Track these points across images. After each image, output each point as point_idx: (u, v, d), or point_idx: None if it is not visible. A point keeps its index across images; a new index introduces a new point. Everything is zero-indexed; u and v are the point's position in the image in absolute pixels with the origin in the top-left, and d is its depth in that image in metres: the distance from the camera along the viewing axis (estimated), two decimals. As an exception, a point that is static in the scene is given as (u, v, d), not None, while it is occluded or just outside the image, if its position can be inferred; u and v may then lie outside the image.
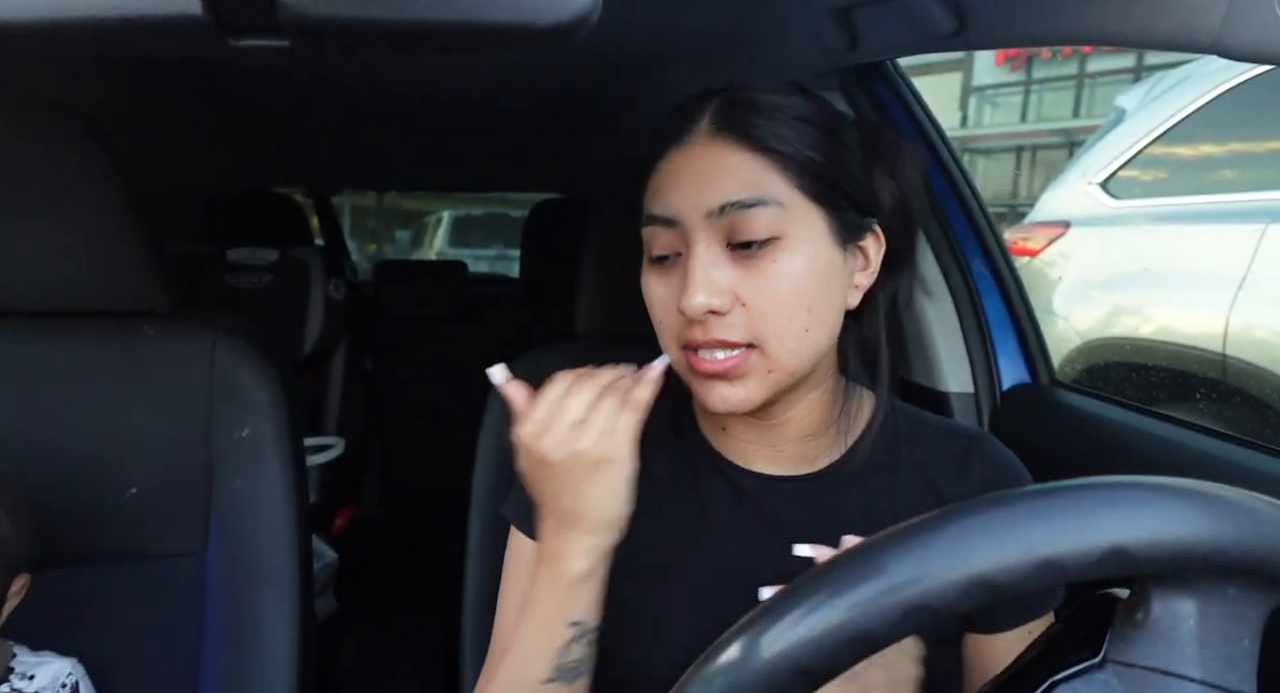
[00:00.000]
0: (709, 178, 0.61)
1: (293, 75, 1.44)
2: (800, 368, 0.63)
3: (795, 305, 0.61)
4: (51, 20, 0.33)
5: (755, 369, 0.62)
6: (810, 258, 0.61)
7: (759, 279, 0.61)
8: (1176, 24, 0.59)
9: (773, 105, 0.62)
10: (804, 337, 0.62)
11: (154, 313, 0.95)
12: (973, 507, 0.35)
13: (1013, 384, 1.15)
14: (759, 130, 0.61)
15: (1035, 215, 2.98)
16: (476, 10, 0.35)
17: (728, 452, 0.72)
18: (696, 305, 0.60)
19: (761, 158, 0.61)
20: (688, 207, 0.62)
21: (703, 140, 0.63)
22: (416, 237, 8.01)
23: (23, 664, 0.80)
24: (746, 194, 0.60)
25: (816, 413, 0.69)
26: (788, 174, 0.61)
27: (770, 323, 0.61)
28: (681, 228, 0.62)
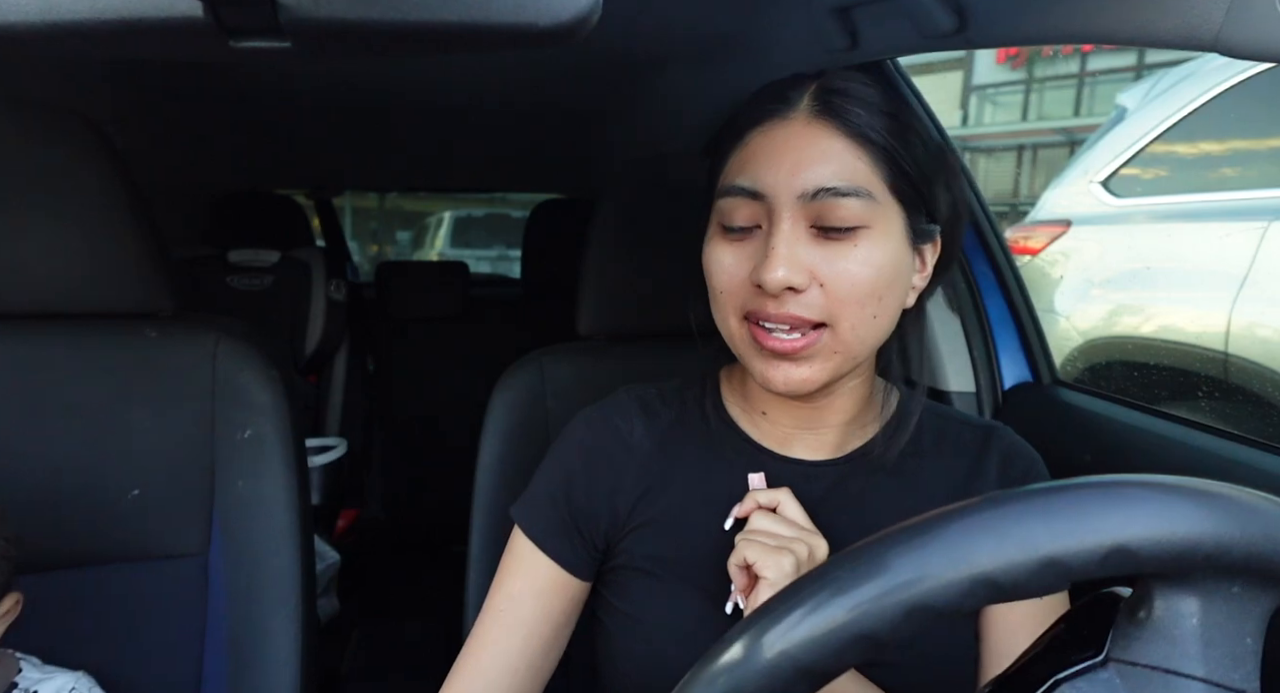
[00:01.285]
0: (807, 159, 0.62)
1: (294, 77, 1.44)
2: (863, 354, 0.65)
3: (870, 293, 0.62)
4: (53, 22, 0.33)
5: (823, 350, 0.63)
6: (888, 251, 0.63)
7: (840, 262, 0.62)
8: (1178, 22, 0.59)
9: (866, 96, 0.63)
10: (872, 324, 0.64)
11: (156, 315, 0.95)
12: (975, 506, 0.35)
13: (1014, 383, 1.15)
14: (858, 119, 0.62)
15: (1036, 214, 2.98)
16: (477, 11, 0.35)
17: (764, 439, 0.73)
18: (778, 279, 0.60)
19: (858, 147, 0.62)
20: (780, 184, 0.62)
21: (803, 120, 0.63)
22: (418, 237, 8.01)
23: (27, 679, 0.79)
24: (843, 182, 0.61)
25: (856, 400, 0.72)
26: (879, 167, 0.62)
27: (845, 306, 0.62)
28: (767, 203, 0.63)
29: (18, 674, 0.79)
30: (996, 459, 0.73)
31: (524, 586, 0.73)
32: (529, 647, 0.72)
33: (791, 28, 1.08)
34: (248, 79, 1.45)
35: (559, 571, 0.73)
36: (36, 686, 0.79)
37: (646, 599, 0.72)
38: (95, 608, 0.91)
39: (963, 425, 0.76)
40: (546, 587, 0.73)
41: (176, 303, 0.96)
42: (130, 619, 0.91)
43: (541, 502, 0.74)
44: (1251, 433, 0.86)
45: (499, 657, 0.71)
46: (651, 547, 0.72)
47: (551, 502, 0.74)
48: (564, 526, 0.73)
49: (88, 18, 0.33)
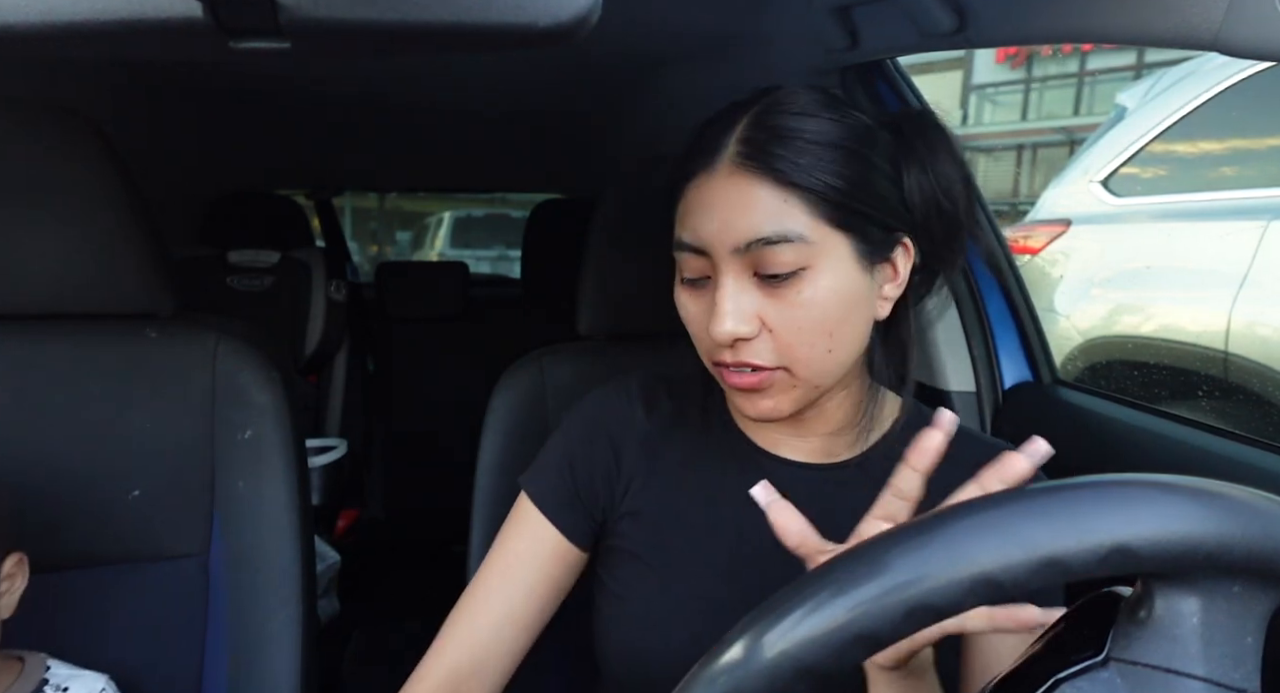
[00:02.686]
0: (735, 212, 0.62)
1: (294, 77, 1.44)
2: (825, 382, 0.66)
3: (819, 332, 0.63)
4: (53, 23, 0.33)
5: (781, 384, 0.65)
6: (834, 285, 0.63)
7: (785, 308, 0.63)
8: (1177, 21, 0.59)
9: (796, 132, 0.62)
10: (827, 358, 0.65)
11: (156, 315, 0.95)
12: (975, 505, 0.35)
13: (1015, 382, 1.15)
14: (783, 163, 0.61)
15: (1036, 213, 2.98)
16: (476, 11, 0.35)
17: (758, 438, 0.75)
18: (724, 332, 0.63)
19: (785, 192, 0.62)
20: (715, 239, 0.64)
21: (726, 171, 0.64)
22: (418, 238, 8.01)
23: (56, 677, 0.81)
24: (771, 231, 0.61)
25: (844, 409, 0.72)
26: (811, 207, 0.62)
27: (795, 349, 0.64)
28: (710, 258, 0.65)
29: (47, 671, 0.81)
30: None
31: (528, 547, 0.75)
32: (529, 602, 0.74)
33: (791, 27, 1.08)
34: (248, 79, 1.45)
35: (561, 538, 0.75)
36: (66, 682, 0.81)
37: (634, 582, 0.74)
38: (95, 609, 0.91)
39: (966, 441, 0.74)
40: (549, 551, 0.75)
41: (176, 303, 0.96)
42: (130, 620, 0.91)
43: (549, 472, 0.77)
44: (1252, 432, 0.86)
45: (503, 604, 0.74)
46: (643, 533, 0.74)
47: (558, 472, 0.77)
48: (569, 495, 0.76)
49: (88, 18, 0.33)
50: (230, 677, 0.91)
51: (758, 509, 0.71)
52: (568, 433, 0.79)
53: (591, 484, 0.76)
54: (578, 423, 0.79)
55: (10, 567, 0.77)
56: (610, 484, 0.76)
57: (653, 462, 0.76)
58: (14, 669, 0.79)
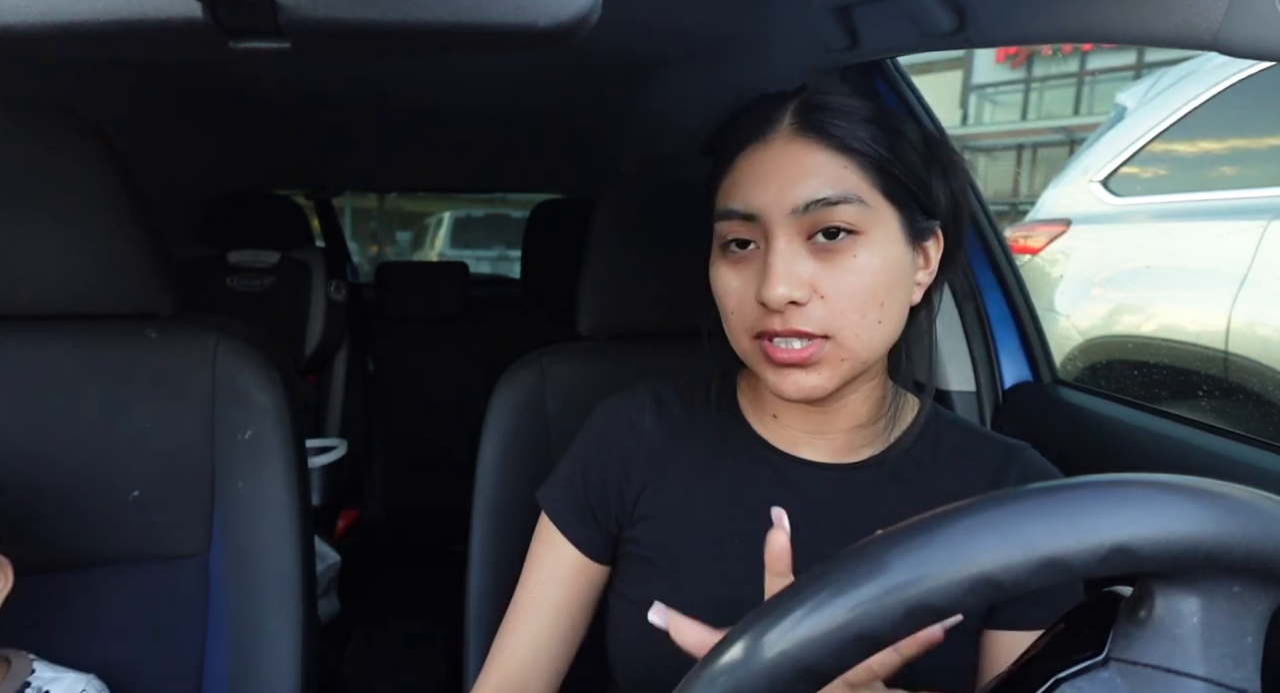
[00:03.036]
0: (793, 176, 0.63)
1: (294, 77, 1.44)
2: (871, 357, 0.66)
3: (870, 299, 0.63)
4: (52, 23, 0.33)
5: (829, 358, 0.64)
6: (885, 254, 0.64)
7: (838, 272, 0.63)
8: (1177, 21, 0.59)
9: (847, 107, 0.65)
10: (876, 329, 0.64)
11: (156, 315, 0.95)
12: (975, 505, 0.35)
13: (1015, 382, 1.15)
14: (840, 131, 0.63)
15: (1036, 213, 2.98)
16: (476, 11, 0.35)
17: (774, 438, 0.74)
18: (779, 296, 0.62)
19: (843, 157, 0.63)
20: (770, 203, 0.64)
21: (784, 139, 0.65)
22: (417, 238, 8.01)
23: (40, 679, 0.80)
24: (832, 191, 0.62)
25: (868, 404, 0.72)
26: (866, 173, 0.63)
27: (846, 316, 0.63)
28: (761, 223, 0.64)
29: (31, 674, 0.80)
30: (1014, 480, 0.72)
31: (550, 572, 0.76)
32: (558, 624, 0.76)
33: (791, 28, 1.08)
34: (247, 79, 1.45)
35: (579, 555, 0.76)
36: (49, 685, 0.80)
37: (646, 586, 0.73)
38: (95, 609, 0.91)
39: (985, 441, 0.76)
40: (571, 571, 0.76)
41: (176, 304, 0.96)
42: (131, 620, 0.91)
43: (563, 486, 0.78)
44: (1252, 432, 0.86)
45: (533, 630, 0.75)
46: (656, 537, 0.74)
47: (570, 486, 0.77)
48: (581, 510, 0.76)
49: (88, 18, 0.33)
50: (230, 677, 0.91)
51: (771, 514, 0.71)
52: (581, 445, 0.79)
53: (604, 495, 0.76)
54: (588, 435, 0.79)
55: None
56: (621, 493, 0.76)
57: (665, 467, 0.76)
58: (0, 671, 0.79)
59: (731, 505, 0.73)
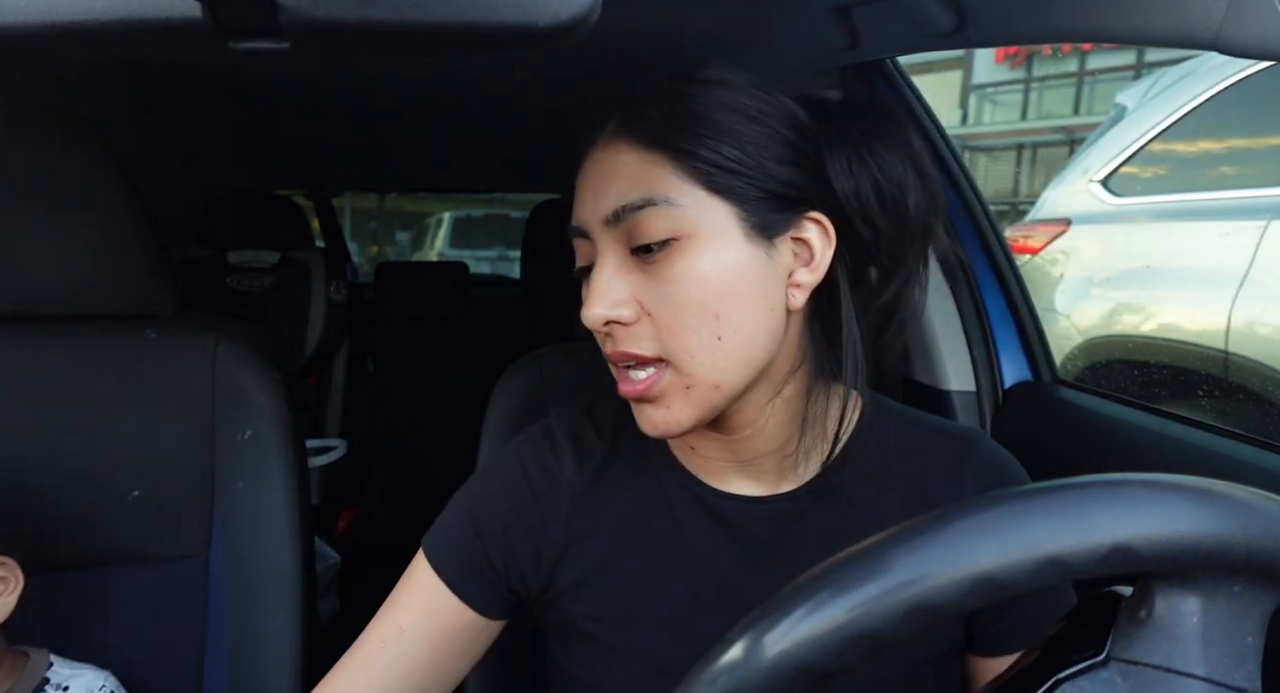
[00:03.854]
0: (604, 182, 0.58)
1: (293, 77, 1.44)
2: (725, 381, 0.57)
3: (700, 313, 0.56)
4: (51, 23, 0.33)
5: (672, 387, 0.57)
6: (716, 258, 0.56)
7: (659, 284, 0.56)
8: (1177, 21, 0.59)
9: (682, 96, 0.58)
10: (716, 347, 0.56)
11: (156, 316, 0.95)
12: (976, 505, 0.35)
13: (1015, 382, 1.15)
14: (656, 125, 0.57)
15: (1036, 213, 2.98)
16: (476, 11, 0.35)
17: (702, 473, 0.66)
18: (593, 317, 0.57)
19: (654, 154, 0.56)
20: (588, 215, 0.59)
21: (603, 143, 0.60)
22: (417, 238, 8.01)
23: (58, 675, 0.81)
24: (636, 195, 0.56)
25: (785, 425, 0.63)
26: (683, 168, 0.56)
27: (675, 334, 0.56)
28: (590, 239, 0.59)
29: (49, 669, 0.81)
30: (973, 479, 0.65)
31: (417, 620, 0.65)
32: (405, 687, 0.64)
33: (791, 27, 1.08)
34: (247, 79, 1.45)
35: (465, 610, 0.65)
36: (67, 681, 0.81)
37: (592, 664, 0.66)
38: (96, 609, 0.91)
39: (936, 436, 0.68)
40: (445, 627, 0.65)
41: (176, 304, 0.96)
42: (131, 620, 0.91)
43: (455, 534, 0.67)
44: (1252, 431, 0.86)
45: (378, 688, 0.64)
46: (590, 606, 0.66)
47: (465, 535, 0.66)
48: (477, 563, 0.65)
49: (87, 18, 0.33)
50: (230, 676, 0.91)
51: (713, 559, 0.65)
52: (482, 492, 0.68)
53: (512, 558, 0.66)
54: (495, 481, 0.68)
55: None
56: (538, 557, 0.66)
57: (589, 520, 0.66)
58: (19, 666, 0.80)
59: (666, 557, 0.65)
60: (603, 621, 0.65)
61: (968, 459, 0.66)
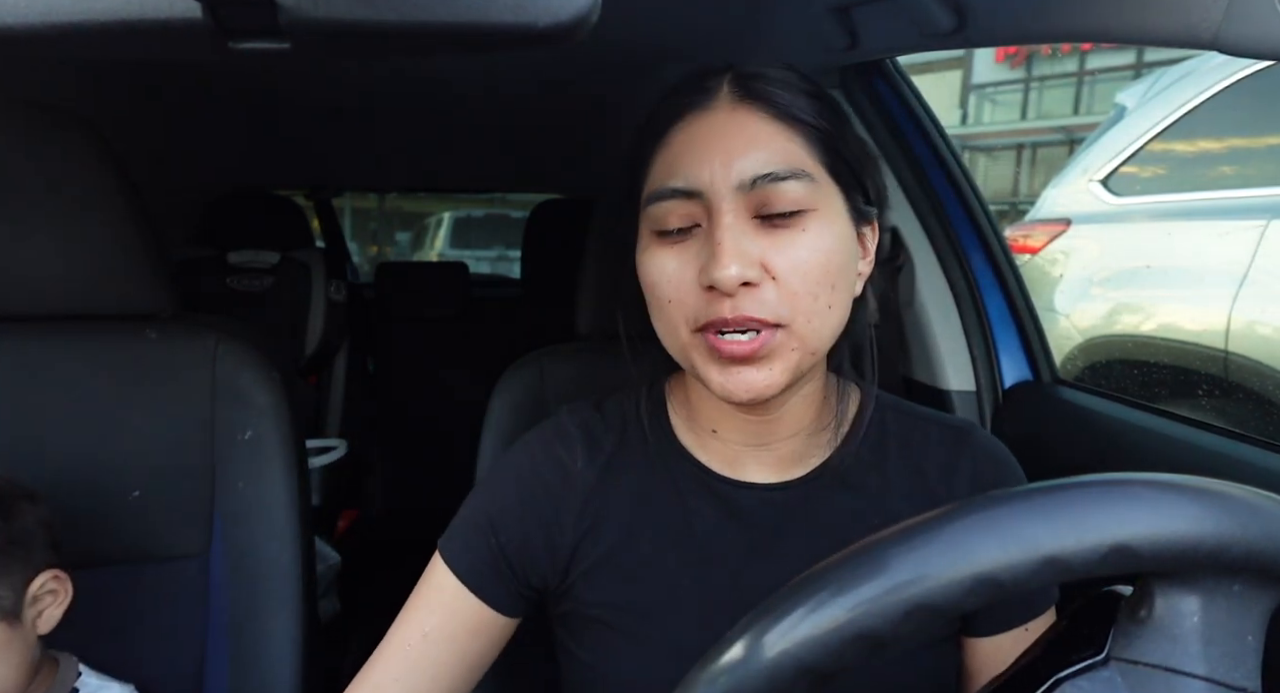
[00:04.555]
0: (738, 148, 0.58)
1: (293, 77, 1.44)
2: (821, 348, 0.60)
3: (822, 280, 0.58)
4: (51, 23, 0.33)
5: (781, 348, 0.58)
6: (835, 235, 0.59)
7: (789, 250, 0.57)
8: (1177, 21, 0.59)
9: (784, 77, 0.61)
10: (828, 314, 0.59)
11: (156, 316, 0.95)
12: (976, 505, 0.35)
13: (1015, 382, 1.15)
14: (784, 100, 0.59)
15: (1036, 213, 2.98)
16: (476, 11, 0.35)
17: (714, 462, 0.68)
18: (731, 276, 0.55)
19: (789, 129, 0.59)
20: (715, 177, 0.58)
21: (726, 108, 0.60)
22: (417, 238, 8.01)
23: (87, 686, 0.81)
24: (781, 166, 0.57)
25: (810, 408, 0.66)
26: (813, 147, 0.59)
27: (799, 298, 0.58)
28: (705, 199, 0.58)
29: (77, 680, 0.81)
30: (969, 465, 0.67)
31: (441, 624, 0.66)
32: (436, 689, 0.65)
33: (791, 27, 1.08)
34: (247, 80, 1.45)
35: (485, 609, 0.66)
36: (96, 692, 0.81)
37: (604, 651, 0.67)
38: (96, 609, 0.91)
39: (931, 427, 0.70)
40: (468, 627, 0.66)
41: (176, 304, 0.96)
42: (131, 620, 0.92)
43: (471, 534, 0.68)
44: (1252, 431, 0.86)
45: None
46: (602, 593, 0.67)
47: (481, 534, 0.67)
48: (494, 561, 0.66)
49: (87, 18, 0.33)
50: (230, 677, 0.91)
51: (724, 545, 0.66)
52: (495, 490, 0.69)
53: (527, 552, 0.67)
54: (507, 479, 0.69)
55: (45, 583, 0.76)
56: (553, 550, 0.67)
57: (601, 512, 0.67)
58: (49, 672, 0.80)
59: (677, 546, 0.66)
60: (615, 607, 0.66)
61: (962, 448, 0.68)
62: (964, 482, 0.67)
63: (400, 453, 2.64)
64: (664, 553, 0.66)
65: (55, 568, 0.77)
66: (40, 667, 0.78)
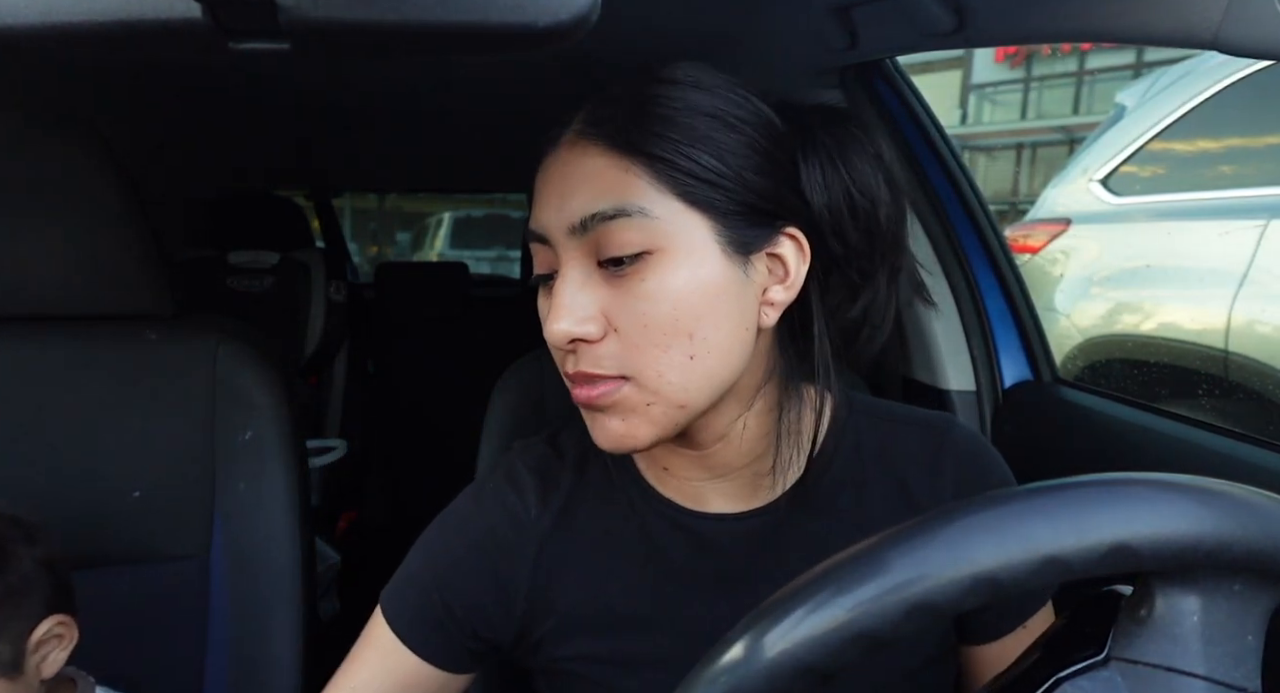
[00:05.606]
0: (570, 186, 0.53)
1: (293, 78, 1.44)
2: (691, 400, 0.54)
3: (673, 331, 0.52)
4: (51, 24, 0.33)
5: (630, 402, 0.54)
6: (691, 274, 0.52)
7: (629, 301, 0.53)
8: (1176, 20, 0.59)
9: (653, 98, 0.54)
10: (689, 366, 0.53)
11: (157, 317, 0.95)
12: (976, 504, 0.35)
13: (1015, 381, 1.15)
14: (627, 128, 0.53)
15: (1036, 213, 2.98)
16: (476, 12, 0.35)
17: (677, 496, 0.64)
18: (557, 333, 0.53)
19: (627, 159, 0.52)
20: (551, 221, 0.54)
21: (568, 143, 0.55)
22: (417, 238, 8.01)
23: None
24: (607, 203, 0.52)
25: (757, 435, 0.61)
26: (658, 177, 0.52)
27: (644, 351, 0.53)
28: (552, 245, 0.55)
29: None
30: (953, 466, 0.64)
31: (370, 679, 0.63)
32: None
33: (791, 27, 1.08)
34: (246, 80, 1.45)
35: (425, 667, 0.63)
36: None
37: (602, 678, 0.63)
38: (96, 609, 0.91)
39: (908, 429, 0.66)
40: (403, 684, 0.63)
41: (177, 305, 0.96)
42: (131, 620, 0.92)
43: (413, 587, 0.64)
44: (1252, 430, 0.86)
45: None
46: (575, 647, 0.63)
47: (423, 590, 0.63)
48: (436, 617, 0.63)
49: (87, 19, 0.33)
50: (230, 676, 0.91)
51: (696, 582, 0.63)
52: (439, 543, 0.66)
53: (475, 601, 0.63)
54: (452, 530, 0.66)
55: (50, 629, 0.73)
56: (507, 605, 0.63)
57: (560, 559, 0.64)
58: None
59: (649, 586, 0.63)
60: (594, 660, 0.63)
61: (943, 449, 0.64)
62: (949, 485, 0.64)
63: (400, 453, 2.64)
64: (633, 597, 0.63)
65: (59, 613, 0.73)
66: (56, 690, 0.77)
